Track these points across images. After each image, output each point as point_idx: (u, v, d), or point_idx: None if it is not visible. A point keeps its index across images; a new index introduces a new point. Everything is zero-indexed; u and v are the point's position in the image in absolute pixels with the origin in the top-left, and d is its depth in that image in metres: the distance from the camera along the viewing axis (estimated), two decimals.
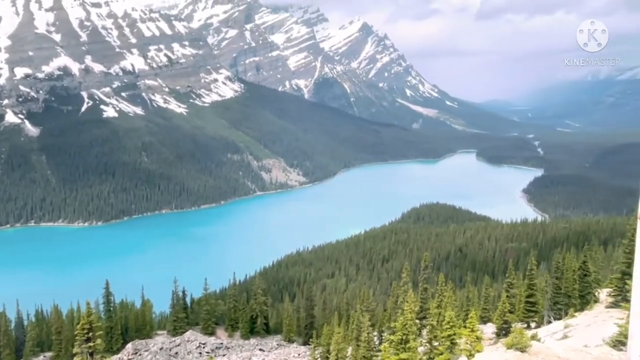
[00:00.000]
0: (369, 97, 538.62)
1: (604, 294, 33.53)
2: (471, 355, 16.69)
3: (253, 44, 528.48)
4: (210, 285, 61.42)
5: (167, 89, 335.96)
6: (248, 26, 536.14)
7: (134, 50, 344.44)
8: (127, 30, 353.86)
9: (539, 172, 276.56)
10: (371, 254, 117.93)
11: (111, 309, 53.86)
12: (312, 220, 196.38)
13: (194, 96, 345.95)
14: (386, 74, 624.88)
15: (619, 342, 15.01)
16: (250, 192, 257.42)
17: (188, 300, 61.35)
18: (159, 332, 59.04)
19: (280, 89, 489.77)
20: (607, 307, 29.02)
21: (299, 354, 49.84)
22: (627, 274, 25.60)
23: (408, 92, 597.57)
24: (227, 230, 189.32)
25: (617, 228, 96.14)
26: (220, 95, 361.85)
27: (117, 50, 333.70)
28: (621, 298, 27.07)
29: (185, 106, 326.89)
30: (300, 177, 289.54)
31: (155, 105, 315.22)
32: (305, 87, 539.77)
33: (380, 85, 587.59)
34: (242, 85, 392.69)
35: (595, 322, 25.90)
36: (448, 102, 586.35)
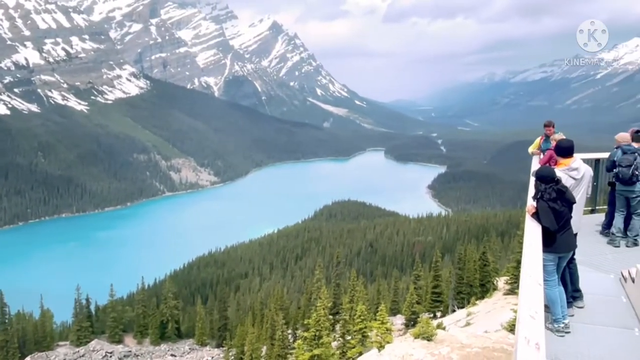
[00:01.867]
0: (280, 96, 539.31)
1: (502, 282, 35.87)
2: (381, 346, 17.14)
3: (159, 40, 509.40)
4: (116, 291, 58.50)
5: (65, 85, 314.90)
6: (153, 21, 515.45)
7: (28, 44, 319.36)
8: (19, 22, 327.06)
9: (442, 169, 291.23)
10: (284, 253, 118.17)
11: (6, 321, 49.83)
12: (224, 221, 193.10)
13: (95, 93, 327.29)
14: (297, 73, 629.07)
15: (515, 326, 16.05)
16: (158, 193, 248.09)
17: (92, 308, 57.98)
18: (61, 343, 55.25)
19: (189, 86, 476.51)
20: (504, 294, 31.11)
21: (212, 357, 48.83)
22: (521, 263, 27.65)
23: (319, 91, 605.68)
24: (134, 233, 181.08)
25: (512, 220, 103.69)
26: (124, 92, 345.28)
27: (9, 43, 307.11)
28: (517, 285, 29.05)
29: (86, 103, 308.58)
30: (212, 177, 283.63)
31: (53, 103, 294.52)
32: (215, 85, 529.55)
33: (291, 84, 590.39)
34: (148, 82, 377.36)
35: (495, 308, 27.64)
36: (357, 102, 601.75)
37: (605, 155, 11.60)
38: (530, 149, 12.43)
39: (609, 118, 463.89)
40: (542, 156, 11.24)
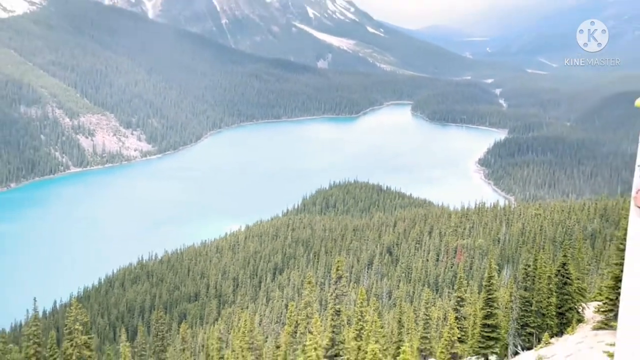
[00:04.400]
0: (251, 19, 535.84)
1: (590, 310, 36.16)
2: None
3: None
4: None
5: None
6: None
7: None
8: None
9: (501, 135, 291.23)
10: (256, 262, 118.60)
11: None
12: (162, 213, 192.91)
13: None
14: None
15: None
16: (60, 169, 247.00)
17: None
18: None
19: (106, 2, 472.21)
20: (594, 328, 31.38)
21: None
22: (621, 281, 27.77)
23: (310, 11, 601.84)
24: (21, 230, 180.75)
25: (609, 215, 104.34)
26: (5, 9, 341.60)
27: None
28: (614, 315, 29.30)
29: None
30: (143, 144, 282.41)
31: None
32: (149, 1, 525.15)
33: (268, 0, 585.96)
34: None
35: (579, 350, 27.91)
36: (370, 29, 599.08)
37: None
38: None
39: None
40: None
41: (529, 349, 36.50)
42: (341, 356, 36.52)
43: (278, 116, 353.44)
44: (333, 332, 42.04)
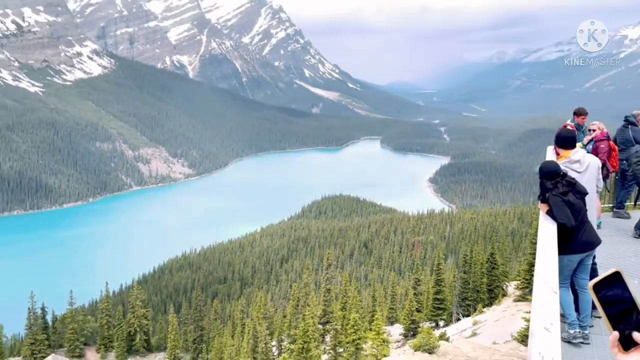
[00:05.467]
0: (264, 78, 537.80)
1: (512, 287, 36.10)
2: None
3: (125, 13, 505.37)
4: (77, 299, 57.96)
5: (17, 64, 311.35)
6: None
7: None
8: None
9: (445, 160, 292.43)
10: (268, 254, 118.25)
11: None
12: (200, 219, 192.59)
13: (52, 73, 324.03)
14: (282, 52, 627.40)
15: (527, 337, 16.18)
16: (125, 187, 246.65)
17: (49, 318, 57.37)
18: (13, 359, 54.83)
19: (159, 65, 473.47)
20: (515, 300, 31.29)
21: None
22: (534, 265, 27.86)
23: (307, 72, 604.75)
24: (97, 232, 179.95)
25: (524, 218, 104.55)
26: (85, 72, 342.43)
27: None
28: (529, 291, 29.21)
29: (41, 85, 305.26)
30: (186, 169, 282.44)
31: (2, 83, 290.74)
32: (190, 65, 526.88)
33: (276, 64, 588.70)
34: (112, 60, 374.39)
35: (504, 317, 27.80)
36: (350, 85, 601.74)
37: None
38: None
39: (633, 102, 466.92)
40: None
41: (467, 316, 36.35)
42: (331, 322, 36.30)
43: (284, 148, 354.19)
44: (325, 305, 41.81)
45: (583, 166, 7.02)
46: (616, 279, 2.15)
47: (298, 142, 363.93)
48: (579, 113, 12.16)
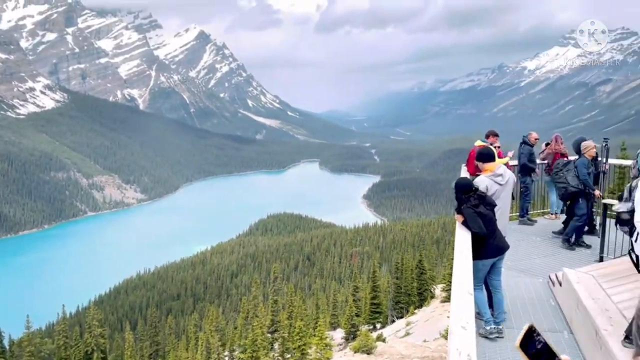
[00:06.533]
0: (210, 108, 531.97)
1: (438, 290, 36.89)
2: None
3: (77, 50, 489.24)
4: (34, 322, 54.54)
5: None
6: (70, 30, 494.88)
7: None
8: None
9: (376, 179, 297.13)
10: (219, 270, 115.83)
11: None
12: (153, 240, 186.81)
13: (5, 107, 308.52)
14: (226, 84, 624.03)
15: None
16: (80, 214, 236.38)
17: (6, 342, 53.80)
18: None
19: (111, 99, 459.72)
20: (442, 301, 31.96)
21: None
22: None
23: (250, 102, 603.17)
24: (53, 257, 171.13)
25: (447, 227, 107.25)
26: (38, 106, 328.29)
27: None
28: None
29: None
30: (138, 194, 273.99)
31: None
32: (140, 97, 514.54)
33: (221, 95, 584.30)
34: (65, 94, 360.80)
35: (433, 317, 28.32)
36: (290, 113, 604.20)
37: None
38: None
39: (533, 125, 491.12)
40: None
41: (401, 317, 36.75)
42: (278, 331, 35.83)
43: (230, 172, 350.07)
44: (273, 315, 41.22)
45: (505, 179, 7.33)
46: (532, 332, 2.20)
47: (244, 166, 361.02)
48: (491, 135, 12.73)
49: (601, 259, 9.27)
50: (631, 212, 5.11)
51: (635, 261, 5.56)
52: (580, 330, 6.41)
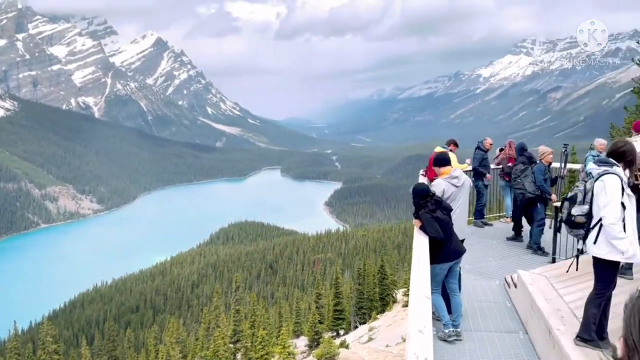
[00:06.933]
0: (168, 116, 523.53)
1: (400, 294, 37.21)
2: None
3: (27, 56, 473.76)
4: None
5: None
6: (20, 36, 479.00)
7: None
8: None
9: (338, 185, 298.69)
10: (179, 281, 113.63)
11: None
12: (110, 252, 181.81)
13: None
14: (185, 92, 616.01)
15: None
16: (32, 226, 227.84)
17: None
18: None
19: (64, 107, 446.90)
20: (403, 306, 32.25)
21: None
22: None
23: (209, 110, 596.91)
24: (4, 271, 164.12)
25: (407, 232, 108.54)
26: None
27: None
28: None
29: None
30: (94, 205, 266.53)
31: None
32: (95, 105, 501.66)
33: (180, 103, 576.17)
34: (15, 103, 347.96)
35: (395, 321, 28.54)
36: (250, 120, 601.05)
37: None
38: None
39: (489, 131, 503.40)
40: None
41: (363, 323, 36.90)
42: (241, 341, 35.44)
43: (190, 180, 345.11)
44: (235, 325, 40.75)
45: (460, 181, 7.49)
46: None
47: (203, 175, 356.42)
48: (452, 144, 13.01)
49: (554, 260, 9.57)
50: (586, 215, 5.29)
51: (576, 263, 5.79)
52: (534, 330, 6.59)
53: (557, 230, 9.69)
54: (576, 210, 5.27)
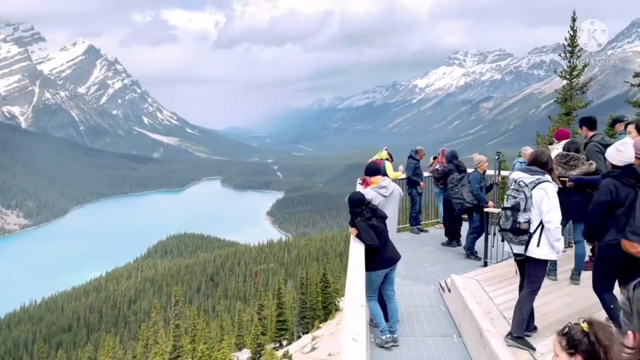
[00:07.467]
0: (102, 126, 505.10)
1: (342, 302, 37.45)
2: None
3: None
4: None
5: None
6: None
7: None
8: None
9: (280, 195, 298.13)
10: (115, 297, 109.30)
11: None
12: (39, 269, 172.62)
13: None
14: (120, 101, 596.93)
15: None
16: None
17: None
18: None
19: None
20: None
21: None
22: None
23: (146, 119, 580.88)
24: None
25: (349, 240, 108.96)
26: None
27: None
28: None
29: None
30: (21, 219, 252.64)
31: None
32: (22, 115, 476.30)
33: (114, 112, 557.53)
34: None
35: (337, 329, 28.65)
36: (189, 130, 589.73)
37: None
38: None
39: (425, 139, 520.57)
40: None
41: (307, 332, 36.87)
42: (181, 356, 34.48)
43: (126, 192, 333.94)
44: (175, 340, 39.67)
45: (389, 191, 7.65)
46: None
47: (140, 186, 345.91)
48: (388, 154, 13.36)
49: (485, 264, 9.94)
50: (528, 221, 5.57)
51: (517, 266, 6.05)
52: (467, 333, 6.80)
53: (488, 235, 10.12)
54: (522, 218, 5.55)
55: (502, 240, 5.91)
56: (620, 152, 5.36)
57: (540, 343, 5.65)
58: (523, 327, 5.74)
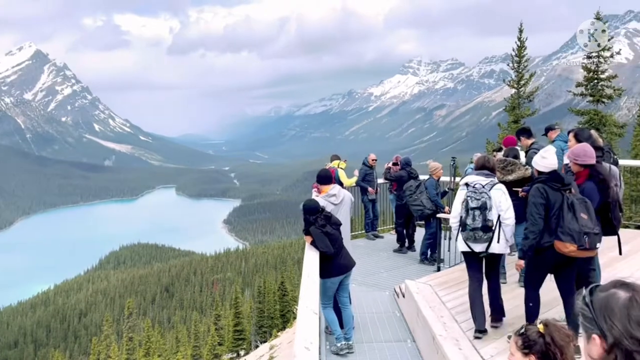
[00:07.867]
0: (50, 133, 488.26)
1: None
2: None
3: None
4: None
5: None
6: None
7: None
8: None
9: (237, 203, 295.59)
10: (64, 311, 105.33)
11: None
12: None
13: None
14: (69, 107, 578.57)
15: None
16: None
17: None
18: None
19: None
20: None
21: None
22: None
23: (97, 126, 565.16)
24: None
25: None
26: None
27: None
28: None
29: None
30: None
31: None
32: None
33: (63, 119, 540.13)
34: None
35: (295, 338, 28.56)
36: (142, 137, 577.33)
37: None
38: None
39: (381, 146, 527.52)
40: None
41: (264, 341, 36.55)
42: None
43: (76, 202, 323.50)
44: (128, 354, 38.69)
45: (339, 199, 7.72)
46: None
47: (91, 195, 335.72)
48: (336, 158, 13.51)
49: (438, 269, 10.13)
50: (493, 219, 5.97)
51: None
52: (420, 338, 6.90)
53: (439, 240, 10.33)
54: (490, 216, 5.90)
55: (466, 240, 6.09)
56: (544, 159, 5.68)
57: (489, 346, 5.79)
58: (484, 320, 6.05)
